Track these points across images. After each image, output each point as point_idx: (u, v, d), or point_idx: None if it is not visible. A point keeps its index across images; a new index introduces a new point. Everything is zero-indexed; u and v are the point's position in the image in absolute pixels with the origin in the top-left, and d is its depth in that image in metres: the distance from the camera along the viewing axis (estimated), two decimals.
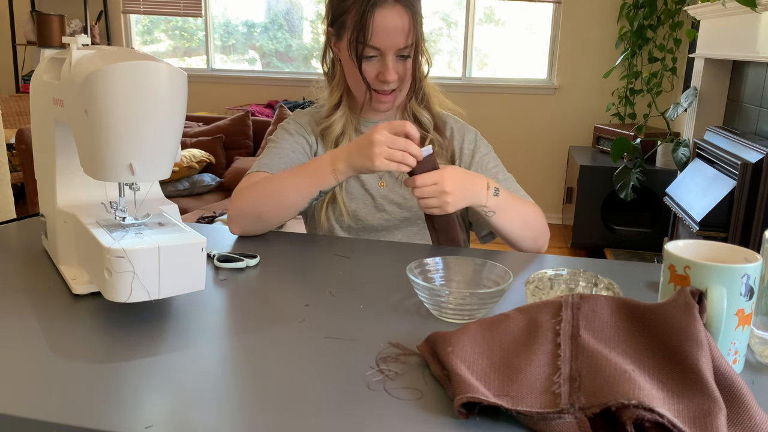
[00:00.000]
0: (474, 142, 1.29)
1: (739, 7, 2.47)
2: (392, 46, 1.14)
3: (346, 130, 1.27)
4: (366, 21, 1.12)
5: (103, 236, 0.78)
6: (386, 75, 1.16)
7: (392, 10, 1.12)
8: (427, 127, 1.27)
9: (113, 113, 0.75)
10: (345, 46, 1.17)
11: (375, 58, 1.16)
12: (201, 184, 3.64)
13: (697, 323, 0.62)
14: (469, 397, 0.59)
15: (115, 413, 0.60)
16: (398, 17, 1.13)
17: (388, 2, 1.12)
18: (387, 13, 1.12)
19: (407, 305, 0.87)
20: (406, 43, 1.15)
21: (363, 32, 1.12)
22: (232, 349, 0.74)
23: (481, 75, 4.55)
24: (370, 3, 1.11)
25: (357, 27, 1.13)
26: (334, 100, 1.28)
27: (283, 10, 4.81)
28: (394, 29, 1.13)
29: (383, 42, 1.14)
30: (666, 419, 0.54)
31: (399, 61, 1.17)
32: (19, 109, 4.40)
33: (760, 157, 2.35)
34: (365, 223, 1.25)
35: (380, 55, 1.16)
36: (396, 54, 1.16)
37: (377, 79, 1.18)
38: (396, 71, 1.17)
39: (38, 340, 0.74)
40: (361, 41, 1.13)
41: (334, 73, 1.28)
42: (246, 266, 1.00)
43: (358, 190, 1.27)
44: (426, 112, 1.28)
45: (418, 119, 1.28)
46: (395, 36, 1.13)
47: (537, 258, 1.12)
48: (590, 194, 3.64)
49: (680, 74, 3.97)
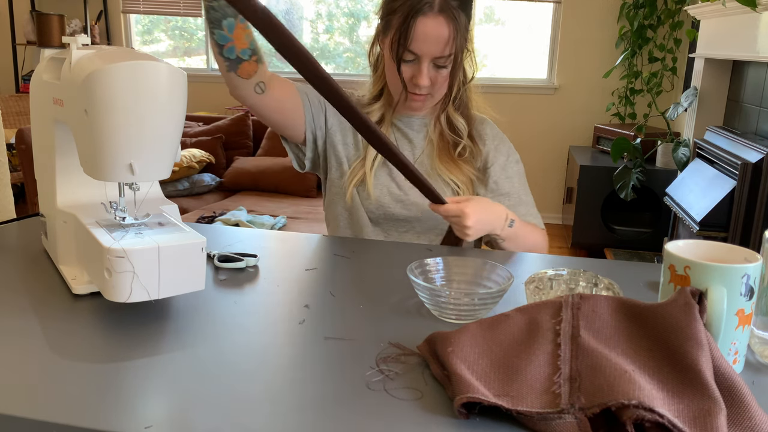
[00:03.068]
0: (507, 155, 1.32)
1: (739, 7, 2.47)
2: (429, 54, 1.17)
3: (384, 119, 1.31)
4: (408, 26, 1.14)
5: (103, 236, 0.78)
6: (419, 80, 1.19)
7: (435, 20, 1.15)
8: (461, 133, 1.30)
9: (113, 113, 0.75)
10: (388, 44, 1.20)
11: (412, 62, 1.19)
12: (201, 184, 3.64)
13: (697, 323, 0.62)
14: (469, 397, 0.59)
15: (115, 413, 0.60)
16: (439, 27, 1.15)
17: (433, 12, 1.14)
18: (429, 22, 1.14)
19: (407, 305, 0.87)
20: (443, 53, 1.17)
21: (404, 36, 1.15)
22: (232, 349, 0.74)
23: (481, 75, 4.55)
24: (415, 9, 1.14)
25: (400, 30, 1.16)
26: (375, 91, 1.32)
27: (283, 10, 4.81)
28: (434, 38, 1.15)
29: (421, 48, 1.16)
30: (666, 419, 0.54)
31: (435, 68, 1.20)
32: (19, 109, 4.40)
33: (760, 157, 2.35)
34: (386, 210, 1.28)
35: (417, 59, 1.18)
36: (432, 62, 1.18)
37: (411, 81, 1.21)
38: (429, 77, 1.20)
39: (38, 340, 0.74)
40: (402, 44, 1.16)
41: (377, 67, 1.31)
42: (246, 266, 1.00)
43: (384, 178, 1.29)
44: (462, 118, 1.30)
45: (453, 124, 1.30)
46: (433, 45, 1.16)
47: (537, 258, 1.12)
48: (590, 194, 3.65)
49: (680, 74, 3.97)
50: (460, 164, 1.28)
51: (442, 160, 1.29)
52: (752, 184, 2.37)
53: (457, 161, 1.29)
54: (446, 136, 1.30)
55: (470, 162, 1.30)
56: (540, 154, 4.44)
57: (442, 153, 1.29)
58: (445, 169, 1.28)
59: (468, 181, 1.29)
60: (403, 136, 1.32)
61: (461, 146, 1.29)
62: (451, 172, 1.28)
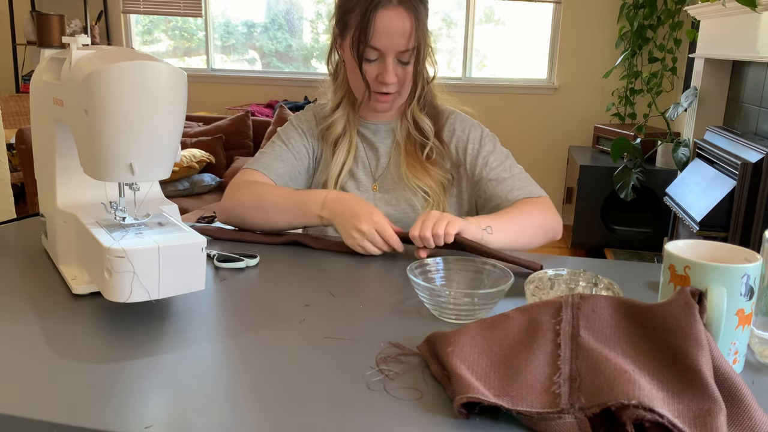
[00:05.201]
0: (479, 140, 1.28)
1: (739, 7, 2.47)
2: (392, 48, 1.14)
3: (347, 130, 1.27)
4: (368, 21, 1.12)
5: (103, 236, 0.78)
6: (385, 77, 1.16)
7: (395, 12, 1.13)
8: (427, 134, 1.26)
9: (113, 113, 0.75)
10: (348, 45, 1.18)
11: (376, 60, 1.17)
12: (201, 184, 3.63)
13: (697, 323, 0.62)
14: (469, 397, 0.59)
15: (115, 413, 0.60)
16: (400, 19, 1.13)
17: (392, 4, 1.12)
18: (389, 15, 1.12)
19: (407, 305, 0.87)
20: (407, 46, 1.15)
21: (365, 32, 1.13)
22: (232, 349, 0.74)
23: (481, 75, 4.55)
24: (373, 3, 1.12)
25: (359, 27, 1.13)
26: (336, 101, 1.28)
27: (283, 10, 4.81)
28: (396, 31, 1.13)
29: (383, 43, 1.14)
30: (666, 419, 0.54)
31: (399, 64, 1.17)
32: (19, 109, 4.39)
33: (760, 157, 2.35)
34: None
35: (381, 56, 1.16)
36: (397, 57, 1.16)
37: (377, 80, 1.18)
38: (396, 74, 1.17)
39: (38, 340, 0.74)
40: (363, 41, 1.14)
41: (337, 74, 1.28)
42: (246, 266, 1.00)
43: (354, 191, 1.28)
44: (427, 118, 1.27)
45: (419, 125, 1.27)
46: (396, 38, 1.14)
47: (537, 258, 1.11)
48: (590, 194, 3.64)
49: (680, 74, 3.97)
50: (428, 168, 1.25)
51: (410, 165, 1.25)
52: (752, 184, 2.36)
53: (426, 165, 1.25)
54: (413, 138, 1.26)
55: (439, 164, 1.27)
56: (540, 154, 4.43)
57: (410, 157, 1.26)
58: (412, 175, 1.24)
59: (438, 187, 1.25)
60: (369, 145, 1.30)
61: (428, 147, 1.26)
62: (419, 178, 1.24)
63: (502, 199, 1.22)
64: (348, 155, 1.27)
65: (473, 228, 1.05)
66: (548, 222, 1.19)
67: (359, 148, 1.29)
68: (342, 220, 1.07)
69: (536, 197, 1.22)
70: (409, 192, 1.25)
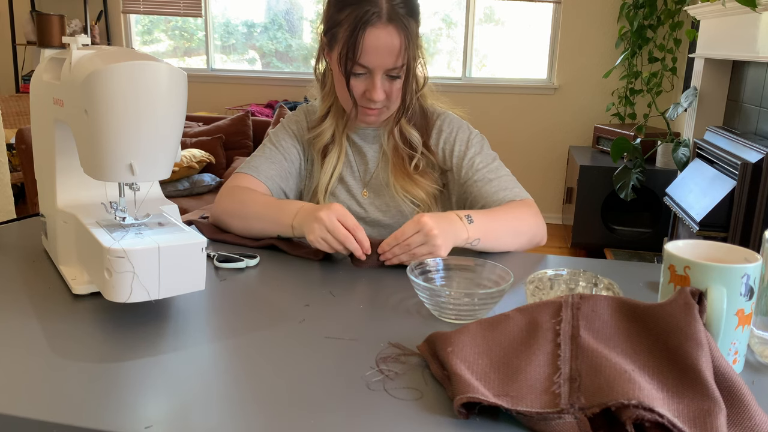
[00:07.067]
0: (466, 142, 1.26)
1: (739, 7, 2.47)
2: (381, 66, 1.12)
3: (336, 137, 1.26)
4: (357, 38, 1.09)
5: (103, 236, 0.78)
6: (373, 94, 1.14)
7: (384, 30, 1.10)
8: (415, 147, 1.25)
9: (113, 113, 0.75)
10: (335, 58, 1.15)
11: (363, 75, 1.14)
12: (201, 184, 3.63)
13: (697, 323, 0.62)
14: (469, 397, 0.59)
15: (115, 413, 0.60)
16: (389, 38, 1.10)
17: (381, 21, 1.09)
18: (379, 33, 1.09)
19: (407, 305, 0.87)
20: (395, 64, 1.12)
21: (353, 49, 1.10)
22: (232, 349, 0.74)
23: (481, 75, 4.55)
24: (362, 20, 1.08)
25: (347, 43, 1.10)
26: (323, 110, 1.27)
27: (283, 10, 4.81)
28: (385, 49, 1.10)
29: (372, 61, 1.11)
30: (666, 419, 0.54)
31: (388, 80, 1.15)
32: (19, 109, 4.39)
33: (760, 157, 2.35)
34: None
35: (369, 73, 1.14)
36: (385, 73, 1.14)
37: (364, 96, 1.16)
38: (384, 89, 1.15)
39: (38, 340, 0.74)
40: (351, 58, 1.11)
41: (325, 82, 1.26)
42: (246, 266, 1.00)
43: (344, 195, 1.27)
44: (415, 131, 1.25)
45: (406, 138, 1.25)
46: (385, 56, 1.11)
47: (537, 258, 1.12)
48: (590, 194, 3.64)
49: (680, 74, 3.97)
50: (417, 180, 1.24)
51: (398, 177, 1.24)
52: (752, 184, 2.36)
53: (414, 177, 1.24)
54: (400, 151, 1.25)
55: (428, 174, 1.25)
56: (540, 154, 4.43)
57: (397, 169, 1.24)
58: (401, 188, 1.23)
59: (429, 197, 1.24)
60: (357, 150, 1.29)
61: (416, 159, 1.24)
62: (408, 190, 1.23)
63: (487, 200, 1.20)
64: (338, 161, 1.26)
65: (460, 242, 1.04)
66: (533, 227, 1.17)
67: (348, 153, 1.29)
68: (306, 221, 1.04)
69: (521, 200, 1.20)
70: (399, 201, 1.24)
